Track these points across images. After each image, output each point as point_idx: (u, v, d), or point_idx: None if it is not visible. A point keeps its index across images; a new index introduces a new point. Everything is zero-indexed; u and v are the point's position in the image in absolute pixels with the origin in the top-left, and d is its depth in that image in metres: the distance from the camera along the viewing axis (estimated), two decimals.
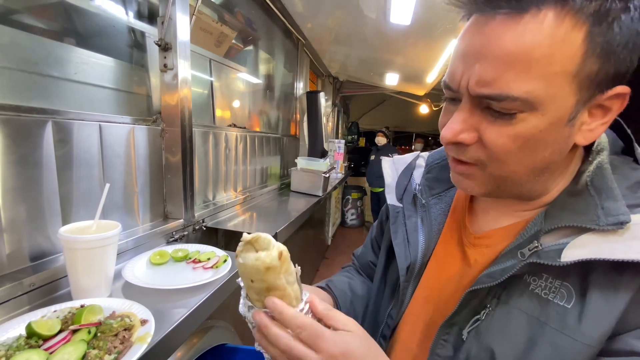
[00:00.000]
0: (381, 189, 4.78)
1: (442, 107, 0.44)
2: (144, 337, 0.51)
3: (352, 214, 5.57)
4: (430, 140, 6.77)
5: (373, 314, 0.59)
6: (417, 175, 0.59)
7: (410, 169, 0.61)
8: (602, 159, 0.40)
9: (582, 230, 0.36)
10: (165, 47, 0.96)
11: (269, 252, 0.37)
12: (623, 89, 0.35)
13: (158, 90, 1.01)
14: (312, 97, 2.56)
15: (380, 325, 0.55)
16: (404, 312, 0.53)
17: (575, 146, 0.38)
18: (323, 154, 2.54)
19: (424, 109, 4.87)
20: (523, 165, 0.38)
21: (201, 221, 1.16)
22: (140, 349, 0.49)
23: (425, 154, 0.62)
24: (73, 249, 0.59)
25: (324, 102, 2.74)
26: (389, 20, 1.88)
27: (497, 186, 0.41)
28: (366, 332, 0.41)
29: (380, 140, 4.80)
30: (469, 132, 0.38)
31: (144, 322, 0.55)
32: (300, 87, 2.72)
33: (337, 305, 0.61)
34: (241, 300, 0.44)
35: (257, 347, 0.43)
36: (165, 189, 1.04)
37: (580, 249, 0.35)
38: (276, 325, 0.38)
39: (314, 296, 0.42)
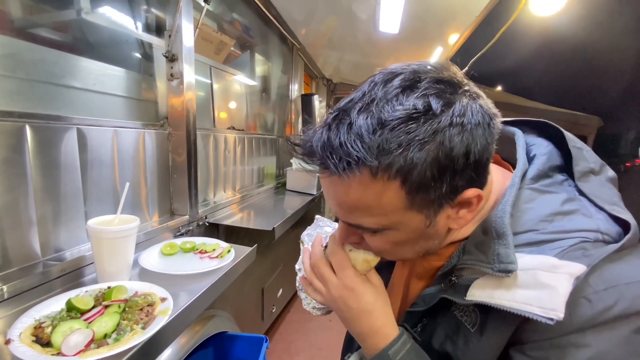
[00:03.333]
0: None
1: None
2: (165, 311, 0.61)
3: None
4: None
5: None
6: None
7: None
8: (505, 201, 0.40)
9: (483, 272, 0.39)
10: (172, 58, 1.06)
11: None
12: (473, 192, 0.37)
13: (165, 97, 1.10)
14: (306, 100, 2.66)
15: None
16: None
17: (470, 203, 0.39)
18: None
19: None
20: (414, 253, 0.43)
21: (204, 217, 1.26)
22: (163, 319, 0.59)
23: None
24: (100, 238, 0.69)
25: (318, 104, 2.84)
26: (378, 29, 1.99)
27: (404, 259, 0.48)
28: (385, 294, 0.47)
29: None
30: (355, 237, 0.45)
31: (163, 299, 0.65)
32: (295, 90, 2.81)
33: None
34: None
35: (297, 265, 0.56)
36: (171, 187, 1.13)
37: (480, 290, 0.39)
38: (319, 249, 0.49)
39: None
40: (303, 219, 3.09)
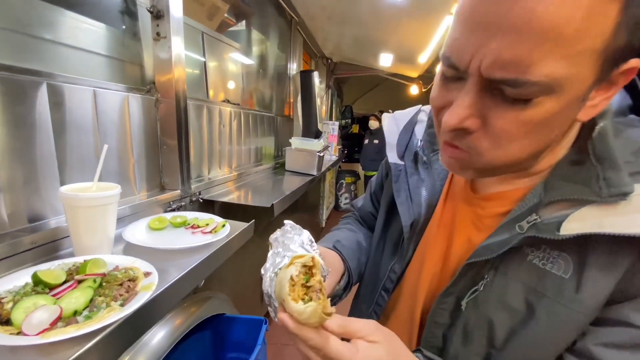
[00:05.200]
0: (375, 173, 4.82)
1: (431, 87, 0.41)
2: (149, 286, 0.53)
3: (345, 198, 5.62)
4: None
5: (374, 268, 0.60)
6: (419, 130, 0.58)
7: (411, 124, 0.60)
8: (604, 125, 0.37)
9: (583, 202, 0.35)
10: (158, 14, 0.95)
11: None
12: (637, 62, 0.31)
13: (151, 61, 1.00)
14: (305, 77, 2.54)
15: (382, 280, 0.56)
16: (408, 268, 0.54)
17: (623, 78, 0.33)
18: (317, 135, 2.55)
19: (414, 90, 4.87)
20: (525, 152, 0.35)
21: (198, 193, 1.18)
22: (145, 295, 0.51)
23: (427, 108, 0.60)
24: (74, 206, 0.60)
25: (318, 82, 2.73)
26: None
27: (493, 171, 0.39)
28: (389, 332, 0.39)
29: (373, 124, 4.82)
30: (475, 119, 0.34)
31: (147, 274, 0.57)
32: (293, 68, 2.69)
33: (346, 266, 0.60)
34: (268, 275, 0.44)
35: (262, 270, 0.46)
36: (161, 160, 1.04)
37: (580, 222, 0.34)
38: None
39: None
40: (303, 204, 3.03)
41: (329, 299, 0.38)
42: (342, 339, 0.37)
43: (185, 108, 1.05)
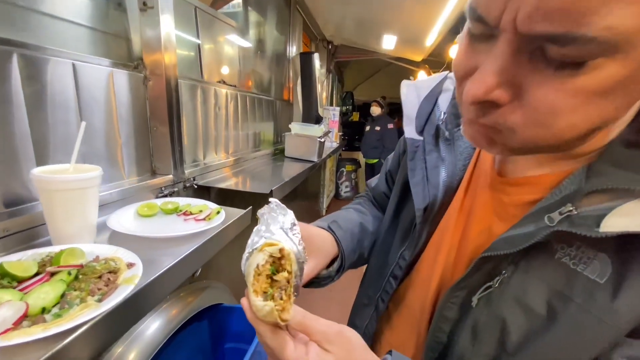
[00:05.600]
0: (376, 160, 4.75)
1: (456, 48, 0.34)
2: (131, 279, 0.48)
3: (346, 187, 5.57)
4: None
5: (383, 252, 0.56)
6: (443, 101, 0.51)
7: (434, 94, 0.52)
8: None
9: (633, 194, 0.28)
10: None
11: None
12: None
13: (138, 35, 0.92)
14: (305, 59, 2.44)
15: (391, 265, 0.52)
16: (419, 257, 0.49)
17: None
18: (318, 120, 2.47)
19: (422, 76, 4.74)
20: (575, 131, 0.27)
21: (192, 179, 1.11)
22: (126, 289, 0.45)
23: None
24: (49, 190, 0.54)
25: (318, 65, 2.63)
26: None
27: (529, 150, 0.32)
28: (353, 342, 0.35)
29: (375, 110, 4.71)
30: (507, 88, 0.27)
31: (130, 265, 0.51)
32: (293, 51, 2.59)
33: (340, 248, 0.57)
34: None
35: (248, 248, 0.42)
36: (151, 142, 0.97)
37: (627, 217, 0.28)
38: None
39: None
40: (303, 193, 2.97)
41: (301, 290, 0.37)
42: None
43: (176, 87, 0.97)
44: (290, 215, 0.43)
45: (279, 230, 0.39)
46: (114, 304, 0.42)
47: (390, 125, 4.60)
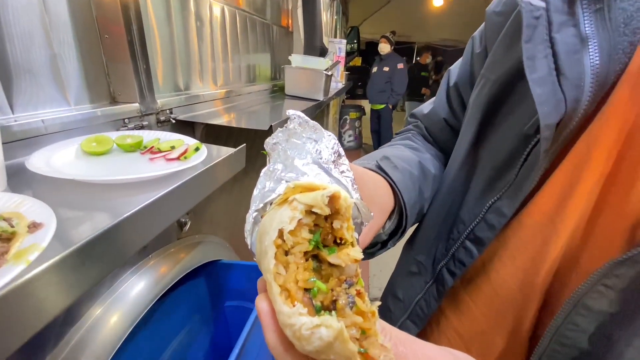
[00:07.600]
0: (382, 106, 4.41)
1: None
2: (27, 251, 0.27)
3: (349, 136, 5.27)
4: (440, 58, 6.11)
5: (450, 205, 0.38)
6: None
7: None
8: None
9: None
10: None
11: None
12: None
13: None
14: None
15: (469, 223, 0.35)
16: (522, 209, 0.33)
17: None
18: (322, 53, 2.13)
19: (437, 1, 4.16)
20: None
21: (168, 111, 0.87)
22: (14, 270, 0.24)
23: None
24: None
25: None
26: None
27: None
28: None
29: (384, 47, 4.23)
30: None
31: (34, 227, 0.30)
32: None
33: (398, 200, 0.39)
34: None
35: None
36: (104, 57, 0.71)
37: None
38: None
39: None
40: None
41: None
42: None
43: None
44: (328, 139, 0.25)
45: (312, 165, 0.22)
46: None
47: (400, 65, 4.16)
